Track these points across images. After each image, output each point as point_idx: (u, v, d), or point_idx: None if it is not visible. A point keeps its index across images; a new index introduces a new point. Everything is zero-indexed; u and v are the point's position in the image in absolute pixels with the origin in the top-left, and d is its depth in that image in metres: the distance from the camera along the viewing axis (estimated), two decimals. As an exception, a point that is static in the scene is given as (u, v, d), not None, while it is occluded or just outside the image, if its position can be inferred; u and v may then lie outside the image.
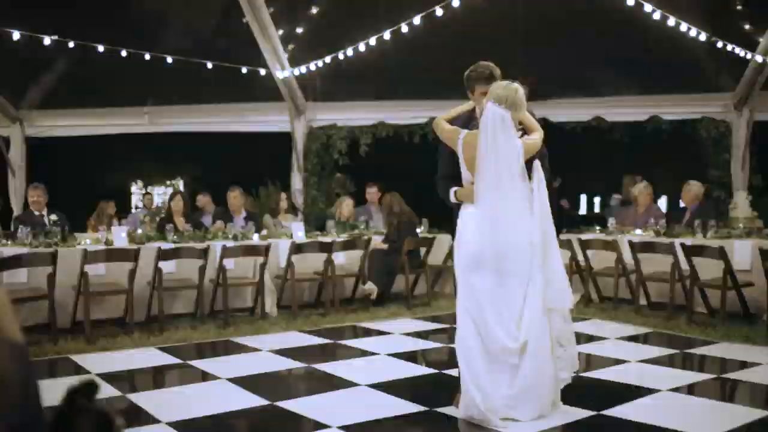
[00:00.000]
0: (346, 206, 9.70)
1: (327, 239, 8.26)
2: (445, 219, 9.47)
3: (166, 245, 7.37)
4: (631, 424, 4.13)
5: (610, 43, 10.32)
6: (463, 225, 4.34)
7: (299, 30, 10.74)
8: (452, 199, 4.47)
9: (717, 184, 11.22)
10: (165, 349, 6.21)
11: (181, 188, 15.21)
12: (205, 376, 5.38)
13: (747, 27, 10.02)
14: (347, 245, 8.24)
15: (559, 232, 4.91)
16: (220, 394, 4.87)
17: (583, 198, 15.21)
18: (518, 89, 4.21)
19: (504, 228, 4.14)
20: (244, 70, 10.77)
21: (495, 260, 4.15)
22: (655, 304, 8.03)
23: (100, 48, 9.60)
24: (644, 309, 7.92)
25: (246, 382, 5.11)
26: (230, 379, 5.19)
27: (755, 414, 4.31)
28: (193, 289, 7.35)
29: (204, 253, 7.24)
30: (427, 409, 4.45)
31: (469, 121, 4.59)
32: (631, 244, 7.85)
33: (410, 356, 6.00)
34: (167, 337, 6.63)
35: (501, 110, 4.14)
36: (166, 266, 7.12)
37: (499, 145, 4.11)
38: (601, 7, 9.33)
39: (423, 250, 8.79)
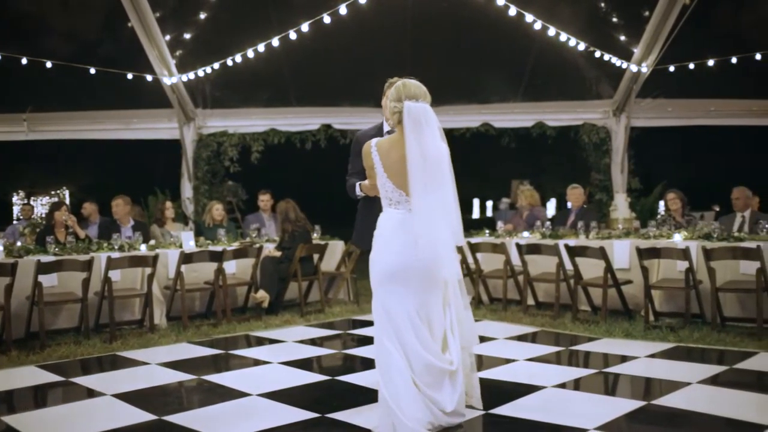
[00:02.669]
0: (216, 211, 9.53)
1: (218, 248, 8.11)
2: (338, 225, 9.53)
3: (46, 258, 7.04)
4: (519, 421, 4.25)
5: (497, 52, 10.65)
6: (381, 234, 4.12)
7: (187, 35, 10.51)
8: (357, 191, 4.49)
9: (598, 187, 11.74)
10: (46, 367, 5.92)
11: (67, 198, 14.62)
12: (89, 393, 5.16)
13: (622, 38, 10.54)
14: (238, 254, 8.11)
15: None
16: (105, 412, 4.68)
17: (476, 202, 15.56)
18: (418, 82, 4.12)
19: (431, 235, 3.96)
20: (129, 76, 10.47)
21: (417, 273, 4.00)
22: (542, 303, 8.32)
23: (-28, 51, 9.12)
24: (532, 309, 8.19)
25: (133, 398, 4.94)
26: (116, 395, 5.00)
27: (634, 404, 4.51)
28: (76, 303, 7.05)
29: (88, 265, 6.96)
30: (319, 415, 4.43)
31: (379, 132, 4.70)
32: (518, 246, 8.09)
33: (303, 364, 5.95)
34: (49, 354, 6.32)
35: (422, 104, 3.99)
36: (47, 280, 6.81)
37: (425, 140, 3.92)
38: (487, 17, 9.59)
39: (316, 257, 8.76)
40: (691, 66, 10.49)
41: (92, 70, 10.10)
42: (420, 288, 4.01)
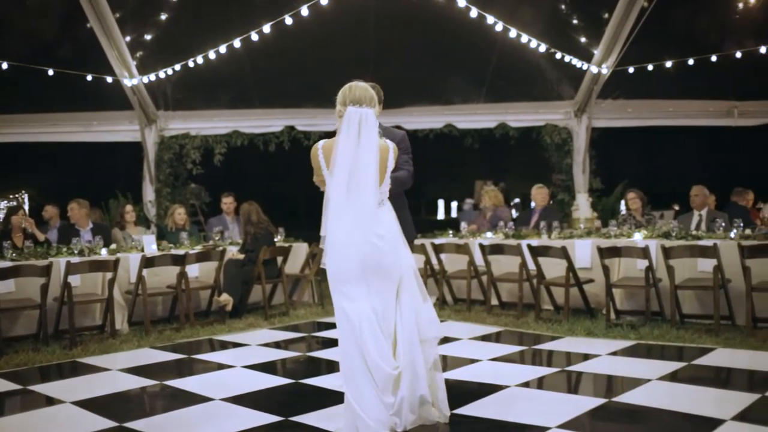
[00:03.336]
0: (178, 215, 9.44)
1: (180, 251, 8.03)
2: (302, 227, 9.49)
3: (2, 263, 6.91)
4: (482, 421, 4.27)
5: (460, 53, 10.71)
6: (332, 235, 4.10)
7: (148, 36, 10.38)
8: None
9: (561, 187, 11.86)
10: (3, 375, 5.81)
11: (26, 202, 14.36)
12: (48, 401, 5.07)
13: (583, 40, 10.66)
14: (201, 257, 8.04)
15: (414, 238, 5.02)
16: (64, 420, 4.60)
17: (441, 203, 15.65)
18: (367, 86, 4.16)
19: (360, 237, 4.00)
20: (89, 77, 10.32)
21: (364, 273, 4.01)
22: (506, 303, 8.38)
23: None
24: (496, 308, 8.25)
25: (93, 405, 4.87)
26: (76, 403, 4.92)
27: (596, 402, 4.57)
28: (35, 309, 6.92)
29: (46, 270, 6.84)
30: (282, 419, 4.41)
31: None
32: (482, 246, 8.14)
33: (267, 367, 5.92)
34: (6, 362, 6.20)
35: (362, 109, 4.04)
36: (4, 286, 6.71)
37: (361, 144, 3.98)
38: (449, 19, 9.62)
39: (280, 260, 8.72)
40: (650, 67, 10.65)
41: (50, 72, 9.94)
42: (372, 285, 4.02)
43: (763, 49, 9.87)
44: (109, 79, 10.50)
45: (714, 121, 11.88)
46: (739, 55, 10.08)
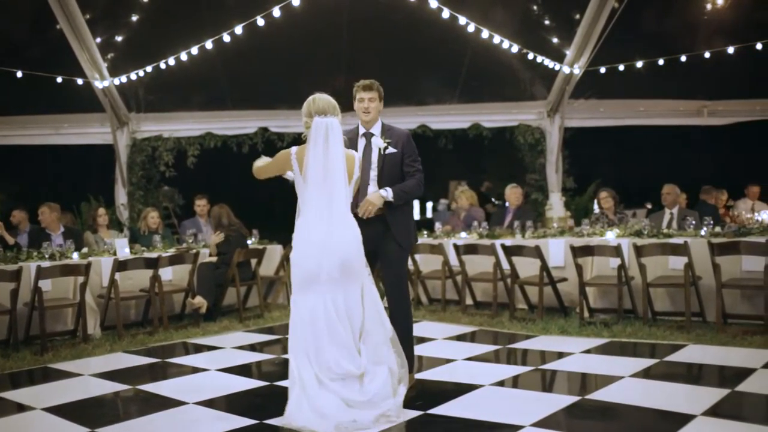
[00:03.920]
0: (150, 219, 9.37)
1: (153, 255, 7.96)
2: (276, 229, 9.46)
3: (-30, 269, 6.81)
4: (457, 420, 4.28)
5: (433, 54, 10.73)
6: (300, 237, 4.38)
7: (119, 38, 10.28)
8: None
9: (534, 186, 11.93)
10: (-28, 382, 5.73)
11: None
12: (19, 408, 4.99)
13: (555, 41, 10.74)
14: (174, 260, 7.98)
15: None
16: (35, 426, 4.55)
17: (416, 204, 15.65)
18: (329, 97, 4.46)
19: (337, 239, 4.28)
20: (59, 79, 10.20)
21: (330, 274, 4.26)
22: (481, 303, 8.41)
23: None
24: (470, 308, 8.28)
25: (65, 411, 4.80)
26: (47, 409, 4.85)
27: (570, 400, 4.60)
28: (4, 315, 6.81)
29: (16, 275, 6.74)
30: (257, 421, 4.39)
31: (356, 136, 4.98)
32: (456, 246, 8.17)
33: (242, 370, 5.89)
34: (-25, 368, 6.12)
35: (328, 119, 4.34)
36: (-27, 291, 6.58)
37: (329, 152, 4.29)
38: (421, 20, 9.65)
39: (254, 262, 8.68)
40: (621, 67, 10.77)
41: (19, 74, 9.81)
42: (339, 285, 4.29)
43: (731, 50, 10.02)
44: (80, 81, 10.39)
45: (684, 121, 12.04)
46: (707, 55, 10.22)
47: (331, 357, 4.19)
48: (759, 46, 9.85)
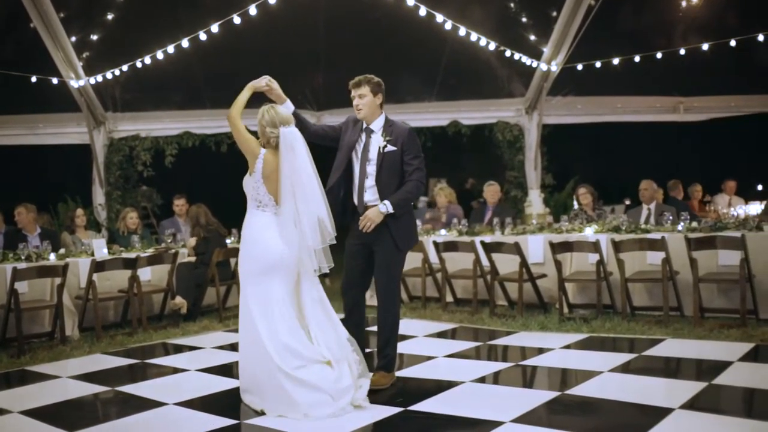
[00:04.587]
0: (129, 219, 9.30)
1: (131, 255, 7.90)
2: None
3: (-56, 272, 6.72)
4: (438, 417, 4.30)
5: (410, 52, 10.73)
6: (261, 231, 4.62)
7: (94, 36, 10.19)
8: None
9: (513, 183, 11.98)
10: (-52, 385, 5.65)
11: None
12: (-5, 411, 4.95)
13: (532, 38, 10.79)
14: (153, 260, 7.92)
15: None
16: (12, 430, 4.49)
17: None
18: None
19: (294, 235, 4.57)
20: (33, 78, 10.08)
21: (286, 266, 4.57)
22: (461, 300, 8.43)
23: None
24: (451, 305, 8.29)
25: (43, 413, 4.75)
26: (24, 412, 4.80)
27: (550, 395, 4.63)
28: (-20, 317, 6.74)
29: (-9, 278, 6.67)
30: (237, 421, 4.38)
31: (354, 124, 5.07)
32: (436, 244, 8.18)
33: (222, 370, 5.85)
34: (-50, 372, 6.04)
35: (292, 128, 4.66)
36: (-53, 294, 6.49)
37: (299, 161, 4.57)
38: (398, 18, 9.64)
39: (233, 261, 8.64)
40: (598, 64, 10.84)
41: (-8, 73, 9.70)
42: (290, 279, 4.58)
43: (705, 46, 10.12)
44: (55, 81, 10.28)
45: (661, 117, 12.16)
46: (683, 52, 10.32)
47: None
48: (733, 42, 9.96)
